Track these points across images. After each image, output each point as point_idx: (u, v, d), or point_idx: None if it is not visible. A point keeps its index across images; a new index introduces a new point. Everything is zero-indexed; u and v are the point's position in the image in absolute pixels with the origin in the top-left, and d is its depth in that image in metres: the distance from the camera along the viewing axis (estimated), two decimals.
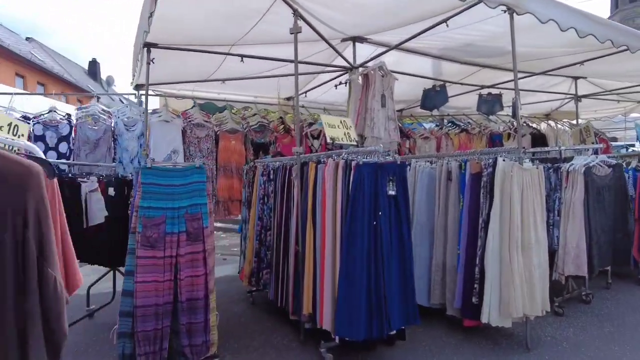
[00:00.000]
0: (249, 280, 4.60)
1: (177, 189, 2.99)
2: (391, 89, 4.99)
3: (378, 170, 3.11)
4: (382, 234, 3.09)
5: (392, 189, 3.15)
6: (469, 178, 3.69)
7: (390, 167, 3.19)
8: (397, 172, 3.22)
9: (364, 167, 3.06)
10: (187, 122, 6.10)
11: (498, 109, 6.86)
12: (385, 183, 3.15)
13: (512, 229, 3.36)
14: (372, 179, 3.09)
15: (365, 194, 3.06)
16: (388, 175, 3.16)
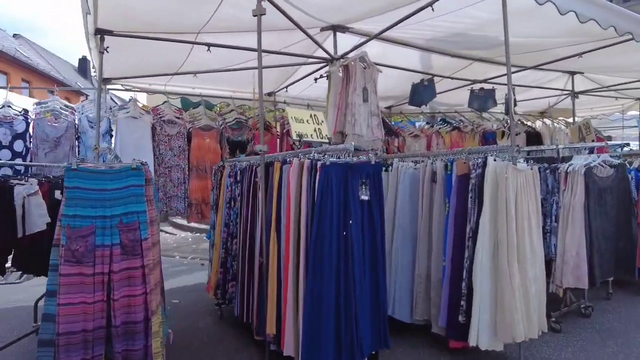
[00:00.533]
0: (214, 292, 4.13)
1: (109, 194, 2.51)
2: (374, 82, 4.52)
3: (348, 172, 2.64)
4: (353, 246, 2.62)
5: (365, 193, 2.68)
6: (456, 180, 3.22)
7: (363, 168, 2.72)
8: (371, 173, 2.75)
9: (331, 168, 2.59)
10: (157, 119, 5.62)
11: (491, 105, 6.40)
12: (357, 186, 2.67)
13: (503, 238, 2.90)
14: (342, 181, 2.62)
15: (334, 199, 2.59)
16: (360, 178, 2.69)
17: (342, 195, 2.62)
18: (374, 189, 2.74)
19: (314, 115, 3.18)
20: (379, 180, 2.78)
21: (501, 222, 2.93)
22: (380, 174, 2.80)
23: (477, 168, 3.10)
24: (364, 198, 2.68)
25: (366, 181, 2.69)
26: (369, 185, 2.71)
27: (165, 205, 5.62)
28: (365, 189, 2.68)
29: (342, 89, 4.44)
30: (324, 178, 2.57)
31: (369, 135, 4.37)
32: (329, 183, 2.57)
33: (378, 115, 4.52)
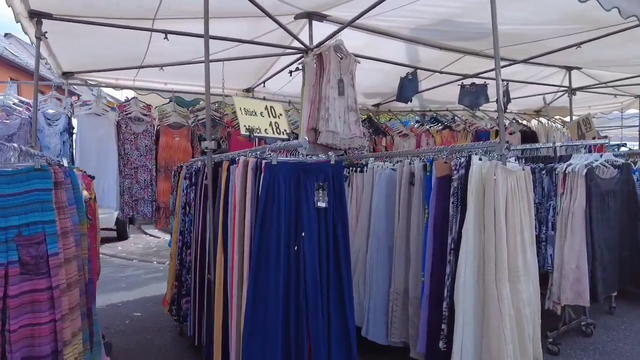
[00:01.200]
0: (169, 308, 3.63)
1: (3, 200, 2.02)
2: (351, 73, 4.02)
3: (301, 174, 2.15)
4: (305, 263, 2.13)
5: (322, 199, 2.19)
6: (435, 182, 2.72)
7: (321, 169, 2.22)
8: (331, 176, 2.25)
9: (279, 168, 2.09)
10: (123, 116, 5.13)
11: (483, 101, 5.90)
12: (312, 191, 2.18)
13: (490, 253, 2.40)
14: (292, 185, 2.12)
15: (281, 207, 2.09)
16: (317, 181, 2.20)
17: (292, 201, 2.12)
18: (333, 194, 2.24)
19: (270, 107, 2.69)
20: (340, 184, 2.28)
21: (489, 233, 2.43)
22: (341, 177, 2.30)
23: (460, 169, 2.60)
24: (320, 205, 2.18)
25: (324, 185, 2.20)
26: (328, 190, 2.22)
27: (132, 209, 5.13)
28: (323, 194, 2.19)
29: (315, 81, 3.95)
30: (269, 180, 2.07)
31: (345, 132, 3.87)
32: (275, 187, 2.07)
33: (356, 110, 4.02)
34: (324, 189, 2.18)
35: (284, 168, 2.10)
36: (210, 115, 2.87)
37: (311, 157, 2.31)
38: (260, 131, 2.54)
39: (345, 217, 2.29)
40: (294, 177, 2.13)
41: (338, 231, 2.25)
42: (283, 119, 2.71)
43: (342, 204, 2.28)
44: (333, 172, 2.26)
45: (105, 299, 5.01)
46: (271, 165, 2.08)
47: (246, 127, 2.49)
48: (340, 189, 2.27)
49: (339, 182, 2.27)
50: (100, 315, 2.60)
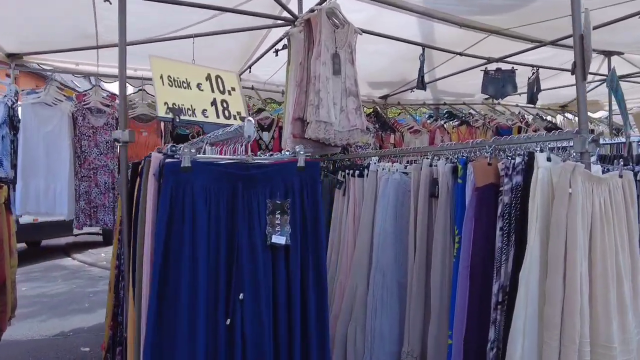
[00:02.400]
0: (105, 355, 2.67)
1: None
2: (350, 47, 3.01)
3: (239, 184, 1.16)
4: (246, 351, 1.13)
5: (279, 229, 1.19)
6: (473, 196, 1.72)
7: (278, 175, 1.23)
8: (297, 188, 1.26)
9: (194, 174, 1.11)
10: (79, 107, 4.18)
11: (510, 90, 4.83)
12: (261, 215, 1.19)
13: (571, 318, 1.39)
14: (221, 204, 1.14)
15: (198, 242, 1.11)
16: (270, 197, 1.20)
17: (221, 233, 1.13)
18: (302, 219, 1.25)
19: (217, 77, 1.69)
20: (313, 202, 1.29)
21: (553, 283, 1.42)
22: (316, 188, 1.30)
23: (514, 174, 1.58)
24: (277, 241, 1.18)
25: (284, 204, 1.20)
26: (293, 213, 1.22)
27: (89, 217, 4.18)
28: (282, 221, 1.19)
29: (303, 57, 2.95)
30: (171, 195, 1.10)
31: (342, 123, 2.87)
32: (186, 206, 1.10)
33: (357, 95, 3.01)
34: (283, 212, 1.19)
35: (205, 173, 1.11)
36: (124, 92, 1.88)
37: (268, 155, 1.32)
38: (193, 113, 1.55)
39: (321, 261, 1.29)
40: (226, 190, 1.14)
41: (309, 291, 1.25)
42: (237, 97, 1.72)
43: (318, 235, 1.28)
44: (302, 181, 1.27)
45: (58, 324, 4.09)
46: (176, 167, 1.09)
47: (168, 105, 1.50)
48: (315, 211, 1.27)
49: (312, 198, 1.28)
50: (39, 350, 1.67)
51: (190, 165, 1.09)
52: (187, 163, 1.10)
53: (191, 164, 1.09)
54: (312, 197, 1.28)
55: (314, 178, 1.32)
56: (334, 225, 2.63)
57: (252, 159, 1.21)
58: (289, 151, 1.29)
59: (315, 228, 1.28)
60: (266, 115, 4.76)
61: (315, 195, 1.29)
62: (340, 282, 2.42)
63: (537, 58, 5.01)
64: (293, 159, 1.27)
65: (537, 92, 4.89)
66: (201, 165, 1.11)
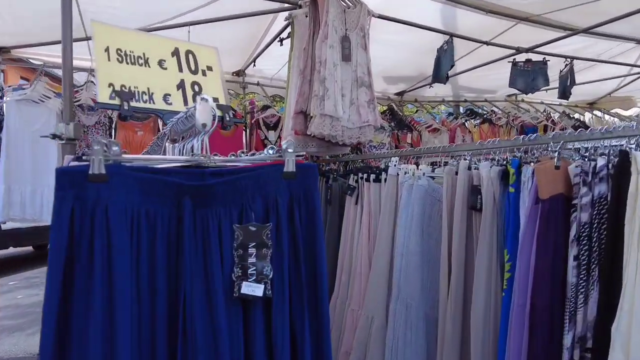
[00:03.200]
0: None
1: None
2: (363, 30, 2.56)
3: (185, 202, 0.71)
4: None
5: (253, 275, 0.74)
6: (533, 210, 1.25)
7: (253, 184, 0.78)
8: (283, 204, 0.80)
9: (114, 182, 0.66)
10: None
11: (541, 83, 4.30)
12: (224, 252, 0.74)
13: None
14: (156, 238, 0.69)
15: (118, 304, 0.66)
16: (242, 219, 0.75)
17: (157, 285, 0.68)
18: (293, 253, 0.79)
19: (188, 52, 1.25)
20: (309, 225, 0.81)
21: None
22: (313, 205, 0.83)
23: (596, 181, 1.11)
24: (249, 292, 0.73)
25: (262, 230, 0.75)
26: (277, 244, 0.76)
27: None
28: (260, 258, 0.74)
29: (307, 43, 2.50)
30: (66, 224, 0.64)
31: (352, 118, 2.41)
32: (94, 244, 0.64)
33: (370, 86, 2.54)
34: (261, 244, 0.73)
35: (132, 186, 0.67)
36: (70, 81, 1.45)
37: (239, 154, 0.87)
38: (150, 99, 1.11)
39: (323, 320, 0.82)
40: (166, 211, 0.69)
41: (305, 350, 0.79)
42: (214, 78, 1.28)
43: (317, 282, 0.81)
44: (292, 195, 0.80)
45: None
46: (80, 177, 0.64)
47: (114, 88, 1.06)
48: (312, 240, 0.81)
49: (308, 220, 0.82)
50: None
51: (104, 173, 0.65)
52: (100, 170, 0.66)
53: (108, 170, 0.65)
54: (307, 218, 0.82)
55: (310, 189, 0.83)
56: (345, 239, 2.17)
57: (210, 160, 0.76)
58: (273, 148, 0.84)
59: (313, 266, 0.81)
60: (272, 113, 4.33)
61: (313, 215, 0.82)
62: (352, 310, 1.96)
63: (570, 49, 4.49)
64: (277, 161, 0.82)
65: (571, 85, 4.36)
66: (125, 173, 0.68)
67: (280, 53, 3.95)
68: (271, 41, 3.79)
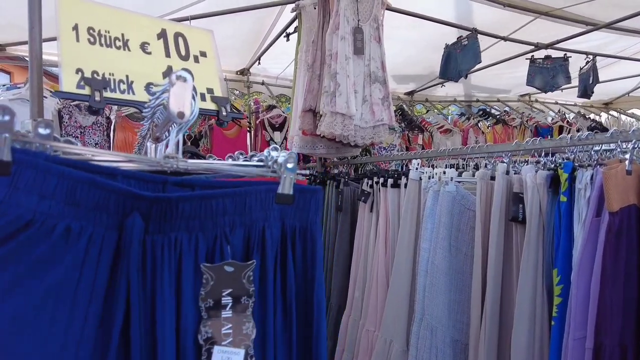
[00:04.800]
0: None
1: None
2: (376, 21, 2.34)
3: (134, 222, 0.47)
4: None
5: (228, 338, 0.50)
6: (594, 224, 1.03)
7: (232, 205, 0.54)
8: (273, 238, 0.55)
9: (22, 195, 0.43)
10: (66, 103, 3.63)
11: (562, 81, 4.05)
12: (185, 303, 0.50)
13: None
14: (79, 283, 0.43)
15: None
16: (215, 255, 0.52)
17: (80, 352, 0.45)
18: (283, 309, 0.55)
19: (177, 34, 1.05)
20: (306, 272, 0.57)
21: None
22: (315, 243, 0.60)
23: None
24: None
25: (242, 272, 0.52)
26: (262, 294, 0.54)
27: None
28: (237, 317, 0.51)
29: (316, 36, 2.29)
30: None
31: (365, 116, 2.18)
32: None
33: (384, 82, 2.32)
34: (242, 292, 0.50)
35: (52, 190, 0.44)
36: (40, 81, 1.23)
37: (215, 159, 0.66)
38: (129, 89, 0.90)
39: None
40: (107, 235, 0.46)
41: None
42: (208, 66, 1.06)
43: (318, 348, 0.57)
44: (284, 229, 0.56)
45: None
46: None
47: (83, 74, 0.85)
48: (309, 299, 0.56)
49: (307, 268, 0.56)
50: None
51: (7, 161, 0.41)
52: (1, 155, 0.41)
53: (15, 156, 0.42)
54: (303, 261, 0.59)
55: (310, 221, 0.60)
56: (358, 250, 1.95)
57: (178, 162, 0.54)
58: (266, 156, 0.60)
59: (309, 329, 0.58)
60: (278, 113, 4.13)
61: (313, 258, 0.60)
62: (367, 331, 1.74)
63: (591, 45, 4.25)
64: (269, 179, 0.60)
65: (594, 83, 4.11)
66: (43, 165, 0.44)
67: (286, 50, 3.74)
68: (276, 37, 3.58)
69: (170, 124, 0.57)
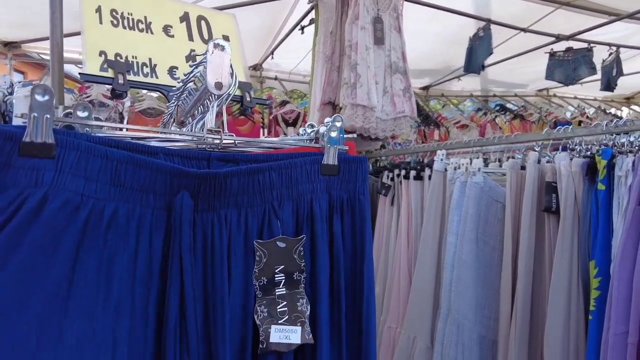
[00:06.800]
0: None
1: None
2: (396, 10, 2.30)
3: (182, 199, 0.46)
4: None
5: (285, 316, 0.49)
6: (634, 212, 0.99)
7: (280, 178, 0.52)
8: (322, 210, 0.54)
9: (65, 175, 0.42)
10: (80, 100, 3.65)
11: (585, 72, 3.96)
12: (235, 279, 0.48)
13: None
14: (136, 264, 0.43)
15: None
16: (264, 231, 0.50)
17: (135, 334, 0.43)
18: (337, 282, 0.53)
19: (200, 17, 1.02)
20: (356, 243, 0.56)
21: None
22: (364, 214, 0.57)
23: None
24: (282, 341, 0.47)
25: (293, 248, 0.50)
26: (314, 268, 0.51)
27: None
28: (292, 293, 0.49)
29: (335, 25, 2.26)
30: None
31: (386, 108, 2.15)
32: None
33: (405, 72, 2.28)
34: (294, 267, 0.48)
35: (92, 167, 0.42)
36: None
37: None
38: (152, 72, 0.89)
39: None
40: (148, 210, 0.44)
41: None
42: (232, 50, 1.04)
43: (366, 341, 0.55)
44: (331, 201, 0.54)
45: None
46: (7, 139, 0.40)
47: (106, 56, 0.84)
48: (359, 271, 0.55)
49: (357, 240, 0.54)
50: None
51: (51, 143, 0.41)
52: (44, 136, 0.41)
53: (58, 139, 0.42)
54: (352, 233, 0.56)
55: (358, 192, 0.58)
56: (378, 244, 1.92)
57: (223, 136, 0.52)
58: (310, 126, 0.59)
59: (359, 303, 0.56)
60: (291, 109, 4.10)
61: (362, 229, 0.57)
62: (389, 327, 1.71)
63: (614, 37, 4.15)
64: (313, 148, 0.60)
65: (617, 76, 4.01)
66: (86, 147, 0.43)
67: (300, 45, 3.72)
68: (290, 30, 3.56)
69: (205, 99, 0.55)
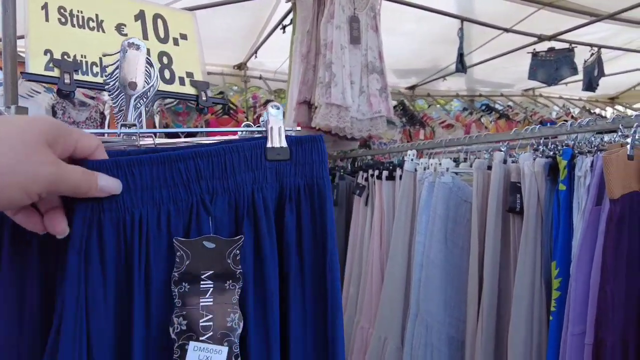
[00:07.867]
0: None
1: None
2: (373, 10, 2.29)
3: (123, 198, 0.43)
4: None
5: (208, 332, 0.43)
6: (592, 212, 0.99)
7: (204, 167, 0.46)
8: (266, 204, 0.48)
9: None
10: (58, 99, 3.60)
11: (567, 73, 3.99)
12: (151, 293, 0.44)
13: None
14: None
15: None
16: (190, 229, 0.48)
17: None
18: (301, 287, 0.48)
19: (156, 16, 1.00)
20: (320, 245, 0.49)
21: None
22: (324, 204, 0.50)
23: None
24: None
25: (229, 255, 0.46)
26: (257, 277, 0.46)
27: None
28: (225, 297, 0.46)
29: (312, 25, 2.25)
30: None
31: (362, 108, 2.14)
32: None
33: (382, 72, 2.28)
34: (226, 274, 0.45)
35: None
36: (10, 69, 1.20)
37: None
38: (102, 71, 0.87)
39: None
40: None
41: None
42: (189, 49, 1.02)
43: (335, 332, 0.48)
44: (282, 191, 0.49)
45: None
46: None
47: (52, 55, 0.82)
48: (321, 276, 0.49)
49: (318, 236, 0.49)
50: None
51: None
52: None
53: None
54: (312, 228, 0.50)
55: (316, 177, 0.50)
56: (353, 245, 1.92)
57: (139, 132, 0.49)
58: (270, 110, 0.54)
59: (323, 318, 0.49)
60: None
61: (323, 223, 0.49)
62: (361, 328, 1.70)
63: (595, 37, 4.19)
64: (258, 137, 0.51)
65: (599, 76, 4.05)
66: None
67: (284, 44, 3.69)
68: (273, 29, 3.54)
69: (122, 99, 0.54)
